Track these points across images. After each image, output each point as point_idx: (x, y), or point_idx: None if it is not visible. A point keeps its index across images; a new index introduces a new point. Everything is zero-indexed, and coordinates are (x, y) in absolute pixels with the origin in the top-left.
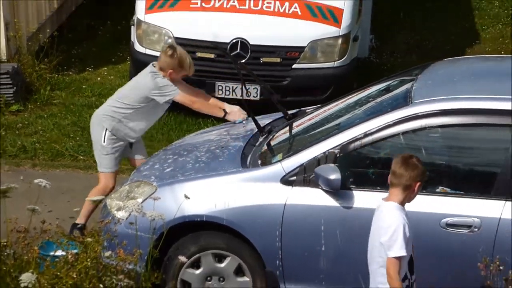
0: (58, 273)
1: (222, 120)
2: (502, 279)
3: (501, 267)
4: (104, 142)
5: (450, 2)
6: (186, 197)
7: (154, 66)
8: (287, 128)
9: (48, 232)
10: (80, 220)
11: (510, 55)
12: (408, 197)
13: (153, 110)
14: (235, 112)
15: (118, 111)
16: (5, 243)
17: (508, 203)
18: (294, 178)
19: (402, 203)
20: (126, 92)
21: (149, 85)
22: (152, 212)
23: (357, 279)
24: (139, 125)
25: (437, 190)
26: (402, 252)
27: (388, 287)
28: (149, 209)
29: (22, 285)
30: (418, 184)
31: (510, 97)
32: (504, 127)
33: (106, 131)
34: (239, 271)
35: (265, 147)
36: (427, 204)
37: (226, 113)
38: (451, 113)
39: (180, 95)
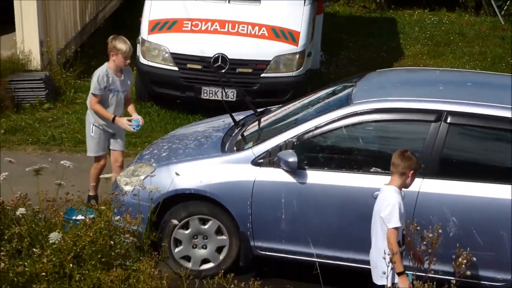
0: (79, 233)
1: (208, 117)
2: (419, 237)
3: (418, 228)
4: (92, 133)
5: (381, 27)
6: (177, 174)
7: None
8: (257, 122)
9: (71, 201)
10: (91, 193)
11: (426, 68)
12: (404, 183)
13: (106, 103)
14: (122, 121)
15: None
16: (37, 210)
17: (425, 180)
18: (261, 160)
19: (400, 187)
20: None
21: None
22: (151, 186)
23: (306, 239)
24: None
25: (372, 170)
26: (398, 224)
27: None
28: (149, 184)
29: (50, 241)
30: (411, 172)
31: (427, 99)
32: (422, 122)
33: (92, 125)
34: (219, 231)
35: (239, 137)
36: (363, 181)
37: (114, 118)
38: (382, 111)
39: (92, 97)
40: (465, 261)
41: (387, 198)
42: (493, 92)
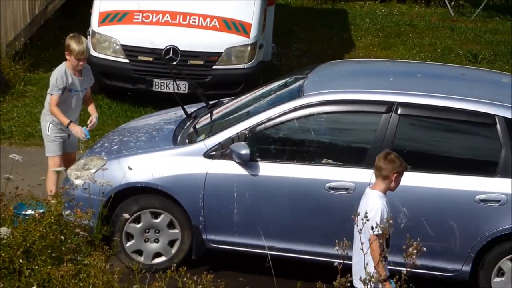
0: (28, 228)
1: (159, 109)
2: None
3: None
4: (48, 131)
5: (332, 19)
6: (130, 168)
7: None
8: (209, 114)
9: (21, 195)
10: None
11: (377, 59)
12: (388, 186)
13: (65, 103)
14: (77, 127)
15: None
16: None
17: None
18: (214, 153)
19: (384, 191)
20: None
21: (52, 73)
22: (102, 180)
23: (258, 231)
24: (65, 109)
25: (323, 161)
26: (380, 231)
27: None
28: (100, 178)
29: None
30: (395, 175)
31: (377, 90)
32: (372, 113)
33: (49, 124)
34: (171, 225)
35: (191, 129)
36: (315, 172)
37: (69, 124)
38: (333, 103)
39: (52, 97)
40: (415, 251)
41: (370, 203)
42: (443, 83)
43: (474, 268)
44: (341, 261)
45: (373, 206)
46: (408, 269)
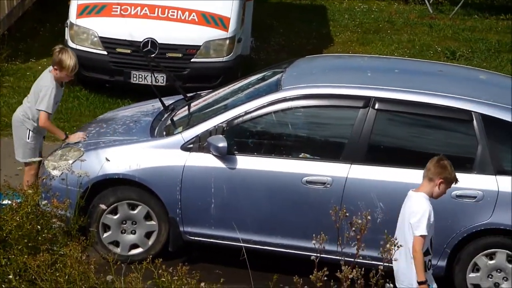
0: (5, 217)
1: (137, 101)
2: (348, 223)
3: (347, 214)
4: (28, 139)
5: (311, 14)
6: (107, 159)
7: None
8: (186, 107)
9: None
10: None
11: (355, 54)
12: (432, 190)
13: (51, 115)
14: (76, 134)
15: (32, 111)
16: None
17: (353, 165)
18: (191, 145)
19: (429, 195)
20: (34, 93)
21: (41, 83)
22: (80, 171)
23: (232, 224)
24: None
25: (300, 155)
26: (425, 232)
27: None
28: (78, 169)
29: None
30: (440, 181)
31: (354, 85)
32: (350, 108)
33: (29, 131)
34: (148, 217)
35: (169, 121)
36: (292, 166)
37: (66, 136)
38: (311, 97)
39: (44, 114)
40: (392, 246)
41: (417, 205)
42: (420, 79)
43: (450, 264)
44: (318, 255)
45: (420, 208)
46: (385, 264)
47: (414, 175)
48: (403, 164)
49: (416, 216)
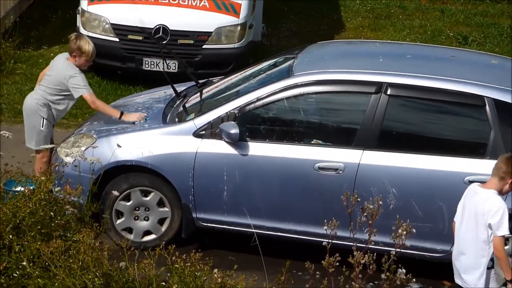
0: (18, 204)
1: (149, 88)
2: (360, 209)
3: (358, 199)
4: (42, 127)
5: (322, 0)
6: (119, 146)
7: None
8: (198, 93)
9: (10, 172)
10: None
11: (366, 40)
12: (501, 188)
13: (66, 103)
14: (133, 114)
15: (49, 98)
16: None
17: (365, 151)
18: (203, 132)
19: (499, 192)
20: (55, 82)
21: (65, 73)
22: (92, 157)
23: (244, 210)
24: (66, 107)
25: (312, 142)
26: (507, 232)
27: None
28: (90, 155)
29: None
30: (511, 180)
31: (366, 71)
32: (362, 94)
33: (43, 119)
34: (161, 203)
35: (181, 108)
36: (304, 152)
37: (122, 114)
38: (323, 83)
39: (89, 96)
40: (404, 232)
41: (494, 204)
42: (432, 64)
43: None
44: (330, 240)
45: (499, 207)
46: (397, 249)
47: (426, 161)
48: (415, 150)
49: (496, 216)
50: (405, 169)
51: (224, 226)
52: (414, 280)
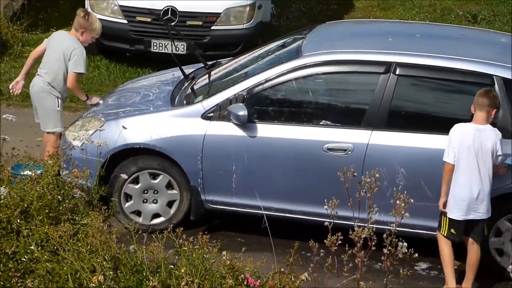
0: (26, 187)
1: (157, 70)
2: (357, 184)
3: (368, 179)
4: (58, 107)
5: None
6: (124, 127)
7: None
8: (207, 75)
9: (18, 156)
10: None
11: (375, 19)
12: (490, 120)
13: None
14: (94, 98)
15: (58, 75)
16: None
17: (374, 132)
18: (211, 114)
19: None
20: (59, 58)
21: (73, 45)
22: (99, 140)
23: (253, 192)
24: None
25: (321, 123)
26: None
27: None
28: (98, 138)
29: None
30: (494, 111)
31: (375, 50)
32: (371, 74)
33: (57, 99)
34: (169, 186)
35: (189, 90)
36: (313, 133)
37: (88, 98)
38: (332, 63)
39: (75, 75)
40: (403, 204)
41: (498, 135)
42: (442, 43)
43: None
44: (332, 220)
45: (499, 136)
46: (407, 230)
47: (435, 141)
48: (424, 130)
49: (499, 145)
50: (414, 149)
51: (233, 208)
52: (421, 261)
